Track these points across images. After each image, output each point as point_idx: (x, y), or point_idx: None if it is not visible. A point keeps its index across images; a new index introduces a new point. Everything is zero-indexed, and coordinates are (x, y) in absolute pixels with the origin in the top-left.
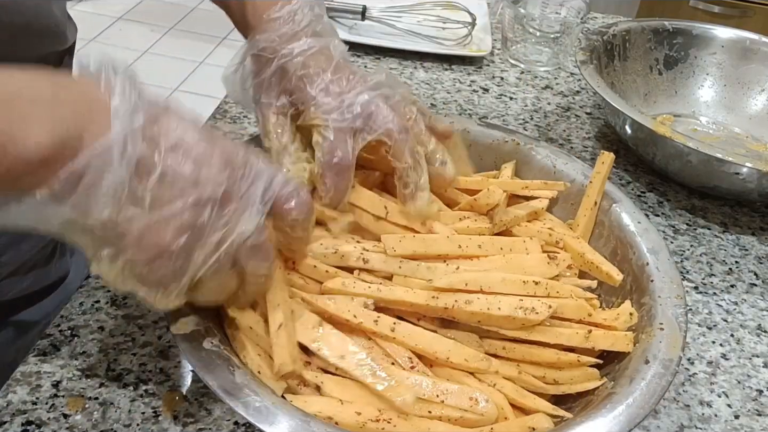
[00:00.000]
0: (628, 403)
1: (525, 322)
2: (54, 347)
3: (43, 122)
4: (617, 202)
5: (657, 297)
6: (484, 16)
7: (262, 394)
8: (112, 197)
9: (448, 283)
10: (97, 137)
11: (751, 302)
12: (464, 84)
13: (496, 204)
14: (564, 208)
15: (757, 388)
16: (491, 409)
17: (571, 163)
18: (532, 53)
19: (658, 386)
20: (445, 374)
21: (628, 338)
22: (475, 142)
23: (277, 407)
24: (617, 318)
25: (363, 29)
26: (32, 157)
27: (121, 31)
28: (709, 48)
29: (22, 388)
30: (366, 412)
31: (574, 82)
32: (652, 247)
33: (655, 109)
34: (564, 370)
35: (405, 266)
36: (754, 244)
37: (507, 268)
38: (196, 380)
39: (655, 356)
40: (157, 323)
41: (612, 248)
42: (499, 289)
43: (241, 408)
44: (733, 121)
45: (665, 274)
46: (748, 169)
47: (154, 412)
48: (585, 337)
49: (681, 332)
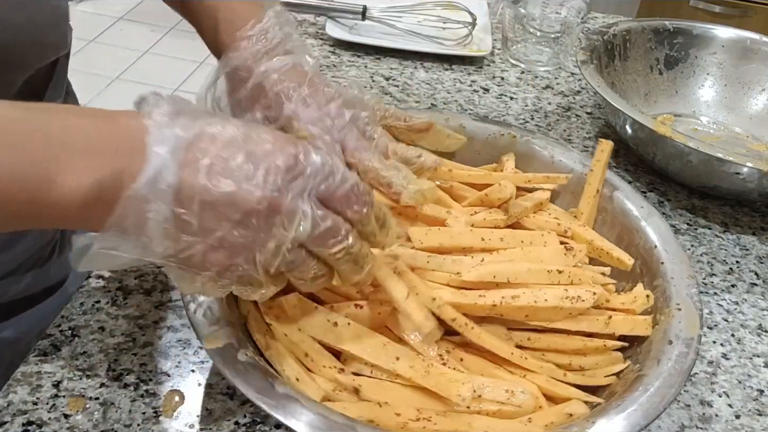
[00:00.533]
0: (659, 384)
1: (572, 310)
2: (54, 347)
3: (78, 166)
4: (618, 189)
5: (670, 278)
6: (485, 16)
7: (304, 403)
8: (163, 233)
9: (477, 276)
10: (134, 177)
11: (751, 302)
12: (465, 84)
13: (508, 198)
14: (564, 198)
15: (758, 388)
16: (528, 400)
17: (567, 153)
18: (533, 53)
19: (684, 365)
20: (476, 368)
21: (647, 322)
22: (471, 138)
23: (319, 413)
24: (634, 301)
25: (363, 29)
26: (71, 200)
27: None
28: (709, 48)
29: (22, 389)
30: (405, 413)
31: (574, 82)
32: (657, 230)
33: (656, 109)
34: (589, 356)
35: (432, 260)
36: (755, 243)
37: (526, 259)
38: (196, 380)
39: (677, 336)
40: (157, 323)
41: (617, 234)
42: (525, 280)
43: (289, 419)
44: (733, 121)
45: (674, 256)
46: (748, 168)
47: (154, 412)
48: (605, 323)
49: (697, 311)
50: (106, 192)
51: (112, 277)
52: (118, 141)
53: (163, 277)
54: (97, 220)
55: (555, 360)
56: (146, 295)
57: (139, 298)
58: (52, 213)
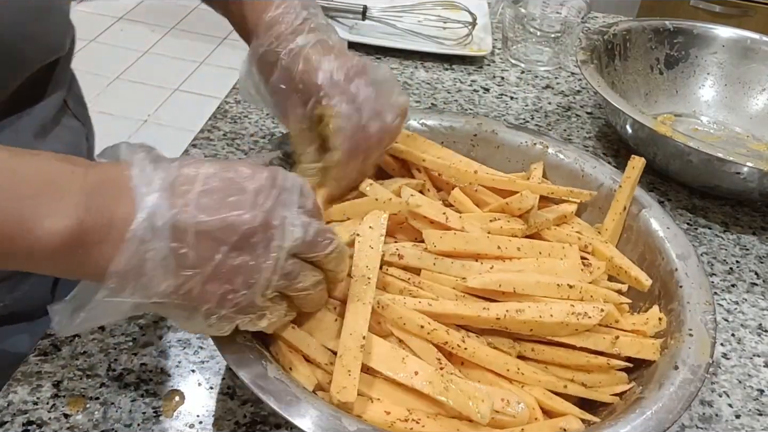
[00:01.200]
0: (657, 408)
1: (578, 326)
2: (55, 347)
3: (59, 207)
4: (646, 207)
5: (686, 303)
6: (485, 15)
7: (293, 389)
8: (163, 271)
9: (481, 283)
10: (126, 220)
11: (752, 302)
12: (465, 84)
13: (530, 208)
14: (592, 213)
15: (758, 388)
16: (524, 411)
17: (599, 167)
18: (533, 53)
19: (687, 392)
20: (475, 376)
21: (655, 346)
22: (502, 145)
23: (309, 401)
24: (646, 323)
25: (364, 29)
26: (50, 240)
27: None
28: (709, 47)
29: (22, 388)
30: (395, 412)
31: (574, 82)
32: (681, 252)
33: (656, 109)
34: (593, 374)
35: (439, 263)
36: (755, 243)
37: (540, 271)
38: (196, 380)
39: (684, 362)
40: (157, 323)
41: (640, 253)
42: (532, 292)
43: (272, 401)
44: (733, 121)
45: (694, 280)
46: (748, 168)
47: (154, 412)
48: (612, 342)
49: (710, 338)
50: (90, 233)
51: None
52: (101, 183)
53: None
54: (77, 264)
55: (557, 373)
56: None
57: None
58: (31, 252)
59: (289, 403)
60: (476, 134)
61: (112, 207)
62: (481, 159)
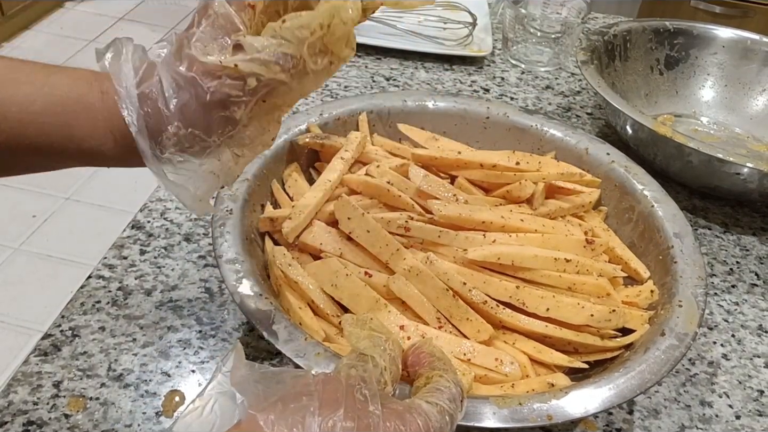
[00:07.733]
0: (641, 369)
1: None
2: (55, 347)
3: None
4: (646, 186)
5: (679, 277)
6: (485, 16)
7: (302, 335)
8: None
9: (481, 256)
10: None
11: (752, 302)
12: (465, 84)
13: (529, 195)
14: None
15: (758, 389)
16: (515, 370)
17: (600, 145)
18: (533, 53)
19: (671, 356)
20: (471, 331)
21: (643, 318)
22: (513, 127)
23: (315, 346)
24: (638, 295)
25: (364, 29)
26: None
27: (121, 32)
28: (709, 48)
29: (23, 389)
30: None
31: (574, 83)
32: (678, 231)
33: (656, 110)
34: (583, 334)
35: (444, 235)
36: (755, 244)
37: (544, 246)
38: (196, 380)
39: (671, 329)
40: (157, 323)
41: (640, 232)
42: (530, 265)
43: (281, 344)
44: (733, 122)
45: (689, 257)
46: (749, 169)
47: (155, 412)
48: (608, 314)
49: (699, 310)
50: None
51: (112, 277)
52: None
53: (163, 277)
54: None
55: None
56: (146, 295)
57: (139, 298)
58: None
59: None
60: (488, 117)
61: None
62: (492, 141)
